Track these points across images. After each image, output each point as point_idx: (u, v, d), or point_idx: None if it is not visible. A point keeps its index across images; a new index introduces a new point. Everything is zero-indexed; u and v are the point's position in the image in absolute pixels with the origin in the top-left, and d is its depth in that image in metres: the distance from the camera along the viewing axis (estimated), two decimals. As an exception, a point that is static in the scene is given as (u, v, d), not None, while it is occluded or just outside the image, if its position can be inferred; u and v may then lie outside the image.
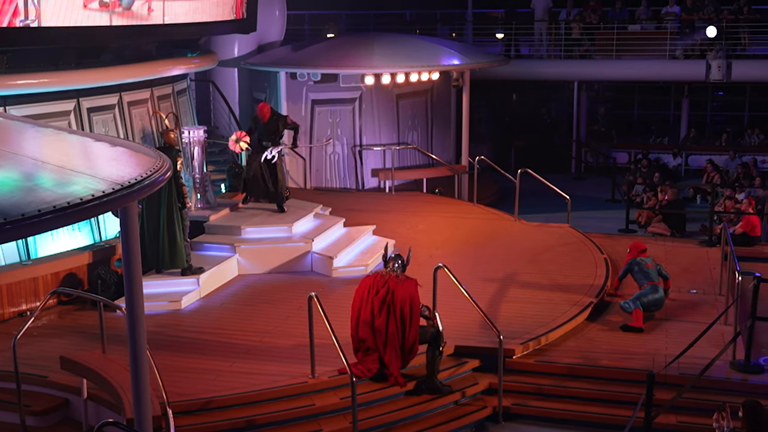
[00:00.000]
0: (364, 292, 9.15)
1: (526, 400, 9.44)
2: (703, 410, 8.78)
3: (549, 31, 23.44)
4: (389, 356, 9.08)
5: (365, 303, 9.09)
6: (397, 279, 9.08)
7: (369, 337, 9.09)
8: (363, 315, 9.10)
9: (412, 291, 9.07)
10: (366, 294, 9.11)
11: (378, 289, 9.05)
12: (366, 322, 9.08)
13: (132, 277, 6.29)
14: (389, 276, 9.13)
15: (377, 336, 9.05)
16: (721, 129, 24.14)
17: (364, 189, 18.89)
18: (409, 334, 9.05)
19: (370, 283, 9.15)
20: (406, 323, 9.02)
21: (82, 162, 6.42)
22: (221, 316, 10.79)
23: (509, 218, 15.54)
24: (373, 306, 9.04)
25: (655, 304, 10.83)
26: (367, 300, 9.08)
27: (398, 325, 9.02)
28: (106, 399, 8.35)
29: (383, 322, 9.00)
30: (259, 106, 13.40)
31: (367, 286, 9.14)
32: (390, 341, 9.04)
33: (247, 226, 12.70)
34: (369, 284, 9.14)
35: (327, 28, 23.90)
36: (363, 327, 9.12)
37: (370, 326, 9.05)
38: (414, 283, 9.14)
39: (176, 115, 14.37)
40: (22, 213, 4.71)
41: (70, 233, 12.15)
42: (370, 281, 9.17)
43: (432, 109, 20.68)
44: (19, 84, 11.78)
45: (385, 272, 9.18)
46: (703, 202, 19.25)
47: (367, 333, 9.10)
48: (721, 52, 21.13)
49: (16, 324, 10.02)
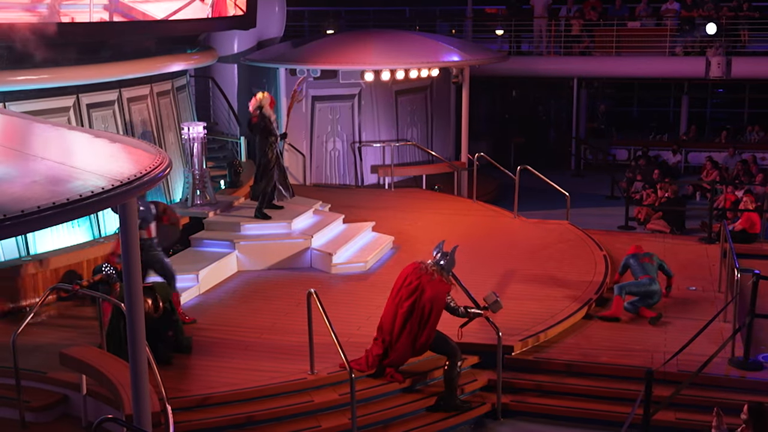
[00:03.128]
0: (402, 277, 9.20)
1: (525, 397, 9.45)
2: (701, 407, 8.80)
3: (549, 27, 23.43)
4: (399, 346, 9.07)
5: (401, 288, 9.15)
6: (431, 277, 9.03)
7: (388, 321, 9.14)
8: (395, 299, 9.16)
9: (439, 294, 9.02)
10: (403, 281, 9.15)
11: (412, 281, 9.06)
12: (393, 306, 9.14)
13: (131, 274, 6.30)
14: (426, 271, 9.09)
15: (395, 321, 9.08)
16: (721, 126, 24.14)
17: (363, 185, 18.89)
18: (422, 333, 9.03)
19: (410, 270, 9.17)
20: (423, 322, 9.00)
21: (81, 158, 6.42)
22: (220, 312, 10.79)
23: (508, 215, 15.54)
24: (402, 294, 9.10)
25: (648, 295, 10.79)
26: (402, 286, 9.13)
27: (416, 321, 9.00)
28: (105, 395, 8.35)
29: (406, 312, 9.00)
30: (266, 96, 12.78)
31: (406, 273, 9.17)
32: (406, 332, 9.03)
33: (246, 223, 12.70)
34: (409, 272, 9.17)
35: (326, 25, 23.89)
36: (388, 310, 9.20)
37: (394, 311, 9.11)
38: (446, 287, 9.09)
39: None
40: (22, 209, 4.71)
41: (70, 229, 12.14)
42: (410, 269, 9.20)
43: (431, 105, 20.68)
44: (19, 80, 11.77)
45: (427, 266, 9.14)
46: (702, 199, 19.26)
47: (389, 317, 9.15)
48: (720, 49, 21.13)
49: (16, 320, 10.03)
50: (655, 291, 10.84)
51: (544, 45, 23.59)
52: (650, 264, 11.05)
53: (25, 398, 8.54)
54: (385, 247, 13.26)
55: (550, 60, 23.24)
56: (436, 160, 19.47)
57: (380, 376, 9.23)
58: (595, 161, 23.71)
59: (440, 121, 20.98)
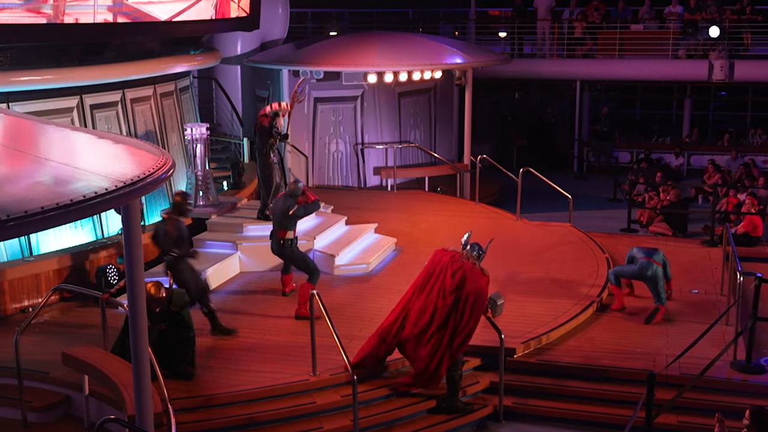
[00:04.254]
0: (435, 266, 8.94)
1: (527, 399, 9.45)
2: (703, 410, 8.80)
3: (552, 30, 23.43)
4: (428, 347, 8.83)
5: (436, 278, 8.86)
6: (473, 266, 8.84)
7: (416, 313, 8.88)
8: (426, 290, 8.88)
9: (483, 286, 8.83)
10: (438, 270, 8.87)
11: (454, 272, 8.82)
12: (426, 295, 8.85)
13: (134, 274, 6.30)
14: (466, 261, 8.89)
15: (434, 317, 8.82)
16: (724, 129, 24.12)
17: (366, 187, 18.89)
18: (465, 328, 8.82)
19: (447, 260, 8.92)
20: (465, 317, 8.78)
21: (85, 159, 6.43)
22: (222, 313, 10.77)
23: (511, 217, 15.54)
24: (444, 286, 8.82)
25: (638, 275, 10.76)
26: (438, 276, 8.85)
27: (458, 315, 8.79)
28: (107, 395, 8.36)
29: (447, 306, 8.78)
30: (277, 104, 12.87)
31: (440, 263, 8.92)
32: (443, 331, 8.81)
33: (248, 224, 12.71)
34: (445, 261, 8.92)
35: (329, 26, 23.90)
36: (419, 297, 8.90)
37: (432, 304, 8.82)
38: (486, 279, 8.92)
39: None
40: (25, 210, 4.72)
41: (73, 230, 12.16)
42: (446, 258, 8.95)
43: (434, 107, 20.68)
44: (22, 81, 11.79)
45: (463, 254, 8.97)
46: (704, 202, 19.24)
47: (418, 306, 8.89)
48: (723, 52, 21.11)
49: (18, 320, 10.04)
50: (649, 274, 10.72)
51: (547, 47, 23.59)
52: (653, 250, 10.98)
53: (27, 398, 8.56)
54: (387, 249, 13.27)
55: (553, 62, 23.24)
56: (438, 162, 19.47)
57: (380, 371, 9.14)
58: (598, 164, 23.70)
59: (443, 123, 20.98)
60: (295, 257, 11.00)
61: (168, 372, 8.56)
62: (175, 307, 8.91)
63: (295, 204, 10.84)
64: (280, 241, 10.90)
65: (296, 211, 10.82)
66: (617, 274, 11.15)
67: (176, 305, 8.93)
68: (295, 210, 10.80)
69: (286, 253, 11.00)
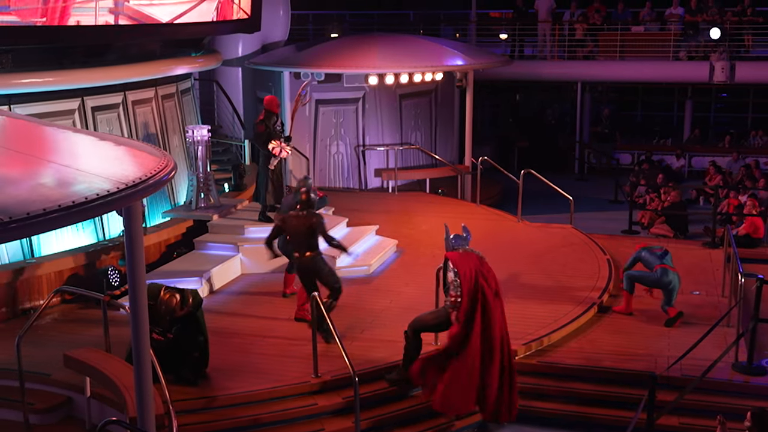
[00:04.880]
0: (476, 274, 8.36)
1: (528, 401, 9.43)
2: (705, 412, 8.79)
3: (552, 31, 23.44)
4: (493, 377, 8.44)
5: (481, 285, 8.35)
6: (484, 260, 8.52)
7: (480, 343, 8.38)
8: (489, 299, 8.39)
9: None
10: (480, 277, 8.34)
11: (486, 277, 8.38)
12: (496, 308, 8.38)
13: (135, 276, 6.30)
14: (480, 256, 8.56)
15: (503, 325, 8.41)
16: (725, 131, 24.12)
17: (367, 189, 18.90)
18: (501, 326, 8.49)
19: (476, 264, 8.45)
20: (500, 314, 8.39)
21: (86, 161, 6.43)
22: (224, 315, 10.80)
23: (512, 219, 15.55)
24: (491, 290, 8.38)
25: (662, 286, 10.69)
26: (484, 284, 8.33)
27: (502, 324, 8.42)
28: (109, 397, 8.36)
29: (498, 319, 8.43)
30: (270, 99, 12.86)
31: (475, 269, 8.39)
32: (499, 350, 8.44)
33: (250, 226, 12.72)
34: (477, 266, 8.43)
35: (331, 28, 23.92)
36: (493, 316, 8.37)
37: (490, 329, 8.34)
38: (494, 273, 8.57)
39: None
40: (28, 212, 4.73)
41: (74, 232, 12.16)
42: (475, 263, 8.46)
43: (435, 109, 20.69)
44: (24, 83, 11.80)
45: (472, 251, 8.66)
46: (706, 203, 19.24)
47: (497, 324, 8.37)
48: (724, 54, 21.12)
49: (20, 322, 10.05)
50: (668, 281, 10.68)
51: (548, 49, 23.60)
52: (665, 254, 10.93)
53: (29, 400, 8.56)
54: (388, 251, 13.27)
55: (553, 64, 23.25)
56: (439, 163, 19.48)
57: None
58: (599, 165, 23.71)
59: (444, 125, 20.99)
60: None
61: (173, 377, 8.58)
62: (195, 309, 8.88)
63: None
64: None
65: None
66: (635, 281, 10.99)
67: (196, 307, 8.90)
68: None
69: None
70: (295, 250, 10.11)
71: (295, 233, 10.01)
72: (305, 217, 9.97)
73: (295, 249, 10.10)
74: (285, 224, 10.16)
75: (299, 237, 9.96)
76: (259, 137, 12.66)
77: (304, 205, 10.05)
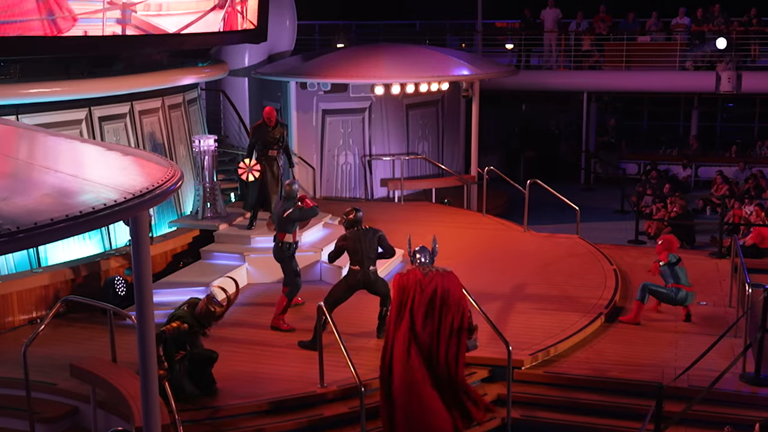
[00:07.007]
0: (404, 291, 8.29)
1: (535, 412, 9.40)
2: (712, 423, 8.74)
3: (558, 41, 23.47)
4: (443, 401, 8.38)
5: (412, 305, 8.21)
6: (440, 272, 8.41)
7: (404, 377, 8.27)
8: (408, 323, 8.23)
9: (460, 286, 8.38)
10: (408, 300, 8.25)
11: (423, 289, 8.29)
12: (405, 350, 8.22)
13: (142, 286, 6.31)
14: (430, 270, 8.46)
15: (439, 345, 8.28)
16: (731, 141, 24.10)
17: (373, 199, 18.91)
18: (461, 358, 8.53)
19: (413, 282, 8.37)
20: (455, 337, 8.32)
21: (93, 171, 6.45)
22: (230, 325, 10.78)
23: (518, 229, 15.53)
24: (414, 314, 8.23)
25: (671, 301, 10.96)
26: (407, 308, 8.24)
27: (449, 340, 8.25)
28: (115, 407, 8.36)
29: (430, 335, 8.32)
30: (267, 110, 13.04)
31: (410, 289, 8.30)
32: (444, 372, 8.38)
33: (256, 235, 12.73)
34: (412, 284, 8.34)
35: (337, 38, 23.98)
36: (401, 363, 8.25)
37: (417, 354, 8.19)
38: (455, 276, 8.52)
39: None
40: (35, 221, 4.74)
41: (81, 241, 12.19)
42: (412, 281, 8.39)
43: (441, 119, 20.71)
44: (31, 93, 11.85)
45: (424, 268, 8.60)
46: (712, 213, 19.20)
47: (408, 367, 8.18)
48: (731, 64, 21.12)
49: (26, 331, 10.06)
50: (683, 299, 10.95)
51: (554, 59, 23.63)
52: (683, 269, 11.03)
53: (35, 409, 8.55)
54: (394, 261, 13.25)
55: (560, 74, 23.27)
56: (445, 173, 19.49)
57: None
58: (605, 175, 23.69)
59: (450, 135, 21.00)
60: (285, 263, 10.81)
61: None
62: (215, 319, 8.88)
63: (293, 207, 10.74)
64: (278, 244, 10.81)
65: (291, 213, 10.65)
66: (650, 293, 11.02)
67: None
68: (290, 212, 10.68)
69: (281, 256, 10.85)
70: (356, 264, 10.16)
71: (358, 250, 10.07)
72: (370, 232, 10.15)
73: (356, 263, 10.15)
74: (347, 242, 10.19)
75: (363, 253, 10.06)
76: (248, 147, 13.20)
77: (353, 223, 10.19)
